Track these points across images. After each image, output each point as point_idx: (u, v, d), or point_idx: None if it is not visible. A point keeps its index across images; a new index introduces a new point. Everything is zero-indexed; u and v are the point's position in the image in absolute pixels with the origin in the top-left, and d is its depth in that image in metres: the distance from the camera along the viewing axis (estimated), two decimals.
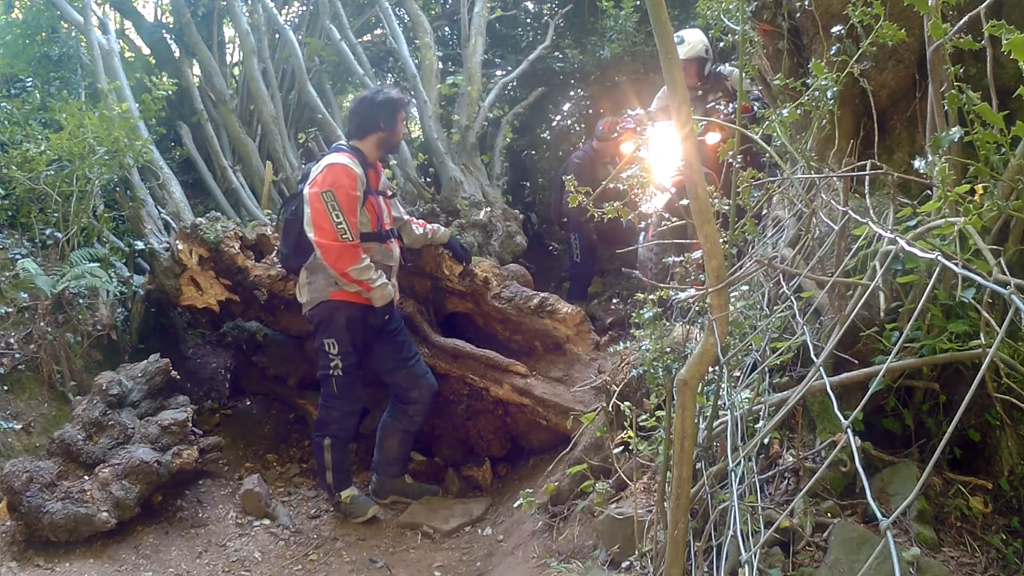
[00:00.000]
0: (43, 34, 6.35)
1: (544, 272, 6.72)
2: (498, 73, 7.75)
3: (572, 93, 7.98)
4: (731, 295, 2.14)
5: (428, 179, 6.71)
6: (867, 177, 1.99)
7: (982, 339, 1.57)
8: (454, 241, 4.23)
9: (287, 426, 4.87)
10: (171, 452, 3.57)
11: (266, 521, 3.76)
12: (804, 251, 2.34)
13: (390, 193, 3.94)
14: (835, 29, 2.25)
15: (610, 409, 2.82)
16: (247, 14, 6.51)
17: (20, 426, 3.81)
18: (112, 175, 4.90)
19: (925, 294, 1.40)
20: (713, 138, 4.15)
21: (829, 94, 2.03)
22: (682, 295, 2.39)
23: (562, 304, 4.10)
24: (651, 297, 2.57)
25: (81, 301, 4.35)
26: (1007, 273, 1.26)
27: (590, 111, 7.51)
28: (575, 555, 2.78)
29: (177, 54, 6.91)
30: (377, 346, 3.80)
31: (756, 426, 2.01)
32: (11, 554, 3.16)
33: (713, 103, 4.68)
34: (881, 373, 1.37)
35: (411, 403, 3.84)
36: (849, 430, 1.10)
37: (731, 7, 2.40)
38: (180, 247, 4.44)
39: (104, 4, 6.87)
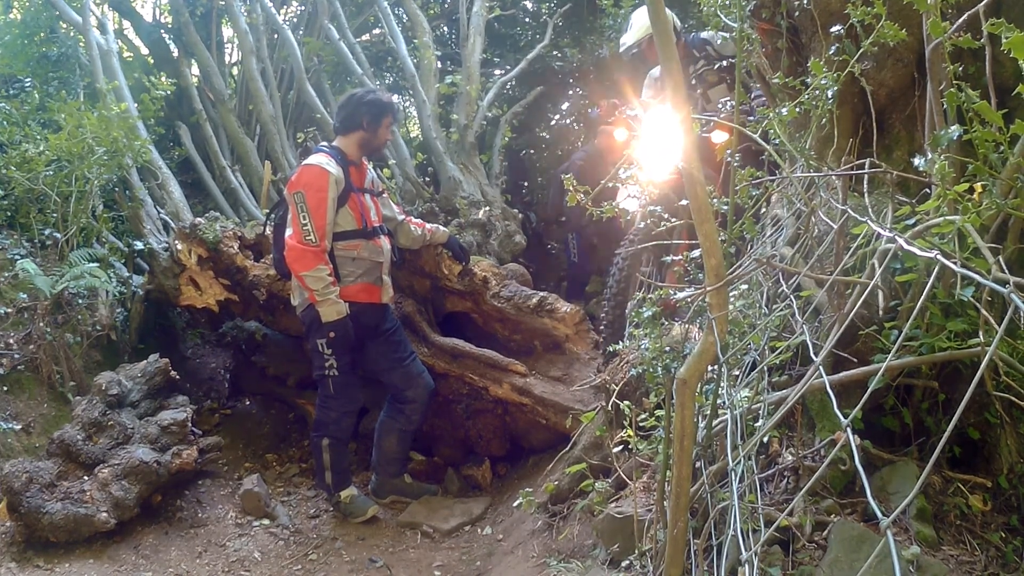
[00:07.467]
0: (42, 34, 6.36)
1: (543, 271, 6.72)
2: (497, 72, 7.74)
3: (571, 92, 7.98)
4: (730, 294, 2.14)
5: (427, 178, 6.70)
6: (866, 176, 1.99)
7: (981, 337, 1.56)
8: (453, 240, 4.22)
9: (286, 426, 4.87)
10: (171, 452, 3.56)
11: (266, 521, 3.76)
12: (803, 250, 2.34)
13: (379, 190, 3.94)
14: (834, 28, 2.25)
15: (609, 408, 2.82)
16: (245, 14, 6.50)
17: (20, 426, 3.80)
18: (111, 175, 4.90)
19: (924, 292, 1.40)
20: (720, 137, 4.07)
21: (828, 93, 2.03)
22: (680, 295, 2.38)
23: (561, 303, 4.10)
24: (650, 296, 2.57)
25: (80, 301, 4.34)
26: (1006, 271, 1.26)
27: (589, 110, 7.51)
28: (575, 554, 2.78)
29: (176, 54, 6.90)
30: (372, 346, 3.80)
31: (755, 425, 2.01)
32: (11, 555, 3.16)
33: (699, 72, 4.51)
34: (880, 372, 1.37)
35: (408, 402, 3.84)
36: (848, 429, 1.10)
37: (727, 3, 2.39)
38: (179, 247, 4.44)
39: (102, 4, 6.86)
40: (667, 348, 2.42)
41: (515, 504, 3.16)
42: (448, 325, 4.50)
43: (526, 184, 8.09)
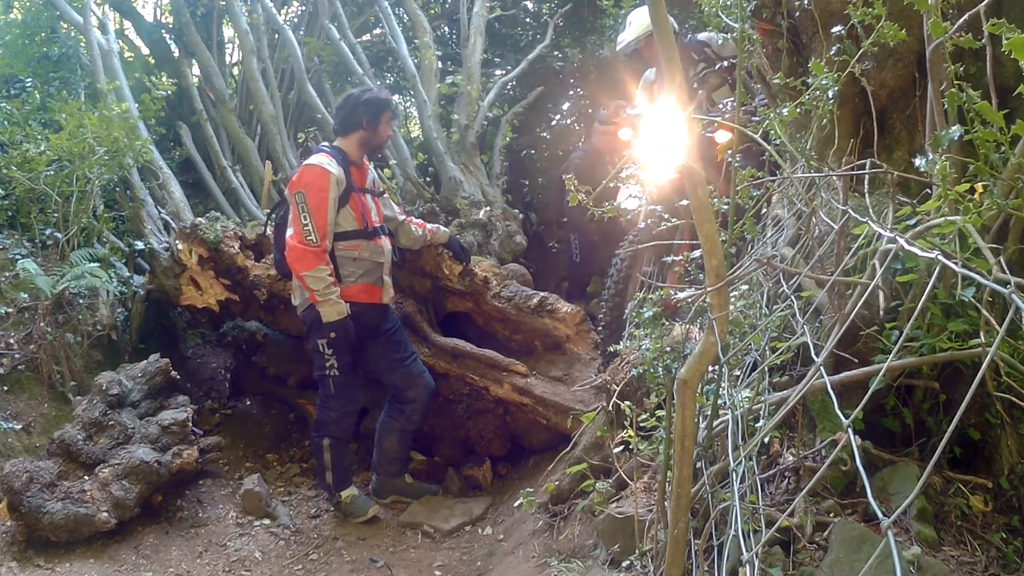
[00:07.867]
0: (42, 34, 6.36)
1: (544, 272, 6.72)
2: (497, 72, 7.74)
3: (572, 92, 7.98)
4: (731, 294, 2.14)
5: (428, 179, 6.70)
6: (867, 176, 1.99)
7: (982, 338, 1.56)
8: (454, 241, 4.23)
9: (287, 426, 4.87)
10: (171, 452, 3.57)
11: (266, 521, 3.76)
12: (804, 250, 2.34)
13: (380, 190, 3.94)
14: (835, 28, 2.25)
15: (610, 408, 2.82)
16: (246, 14, 6.51)
17: (20, 426, 3.81)
18: (112, 175, 4.90)
19: (925, 293, 1.40)
20: (724, 138, 4.03)
21: (829, 93, 2.03)
22: (681, 295, 2.38)
23: (562, 303, 4.10)
24: (651, 296, 2.57)
25: (81, 301, 4.35)
26: (1007, 272, 1.25)
27: (590, 110, 7.51)
28: (575, 554, 2.78)
29: (176, 54, 6.91)
30: (372, 346, 3.80)
31: (756, 425, 2.01)
32: (11, 554, 3.16)
33: (701, 75, 4.49)
34: (881, 372, 1.37)
35: (408, 402, 3.84)
36: (849, 429, 1.10)
37: (728, 3, 2.39)
38: (180, 247, 4.44)
39: (103, 4, 6.87)
40: (668, 348, 2.42)
41: (516, 504, 3.16)
42: (448, 325, 4.50)
43: (527, 184, 8.09)
